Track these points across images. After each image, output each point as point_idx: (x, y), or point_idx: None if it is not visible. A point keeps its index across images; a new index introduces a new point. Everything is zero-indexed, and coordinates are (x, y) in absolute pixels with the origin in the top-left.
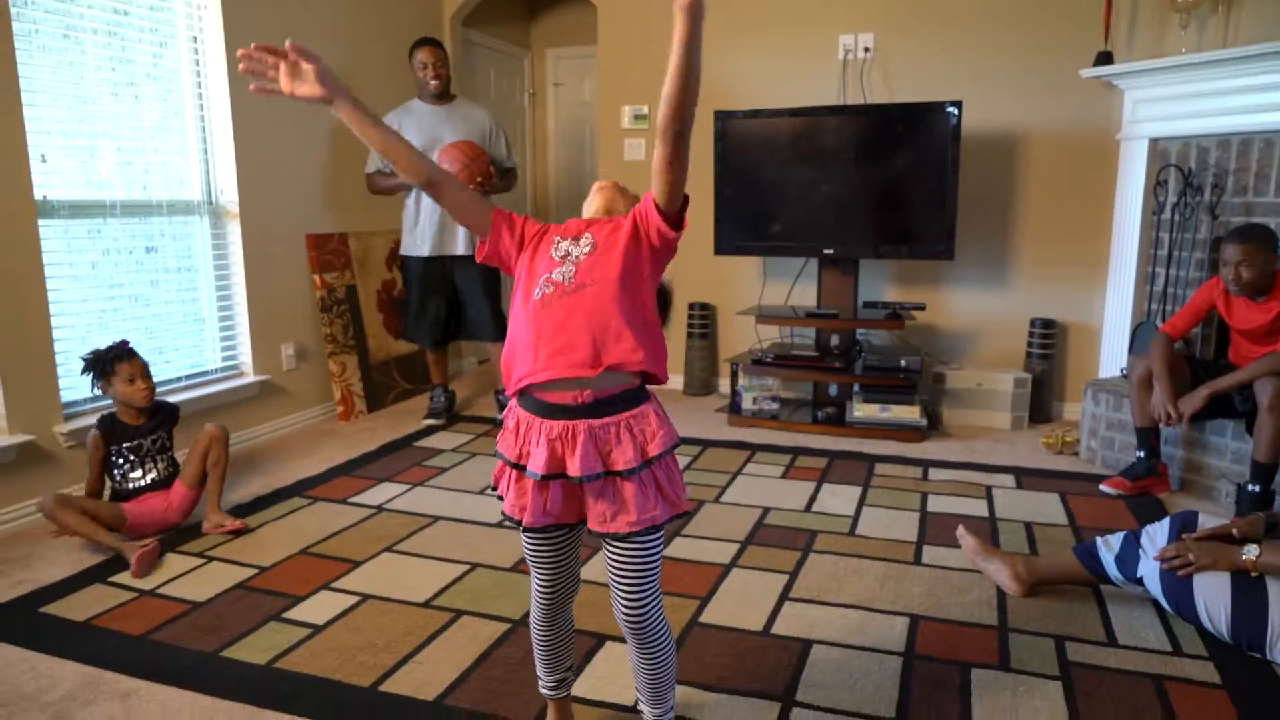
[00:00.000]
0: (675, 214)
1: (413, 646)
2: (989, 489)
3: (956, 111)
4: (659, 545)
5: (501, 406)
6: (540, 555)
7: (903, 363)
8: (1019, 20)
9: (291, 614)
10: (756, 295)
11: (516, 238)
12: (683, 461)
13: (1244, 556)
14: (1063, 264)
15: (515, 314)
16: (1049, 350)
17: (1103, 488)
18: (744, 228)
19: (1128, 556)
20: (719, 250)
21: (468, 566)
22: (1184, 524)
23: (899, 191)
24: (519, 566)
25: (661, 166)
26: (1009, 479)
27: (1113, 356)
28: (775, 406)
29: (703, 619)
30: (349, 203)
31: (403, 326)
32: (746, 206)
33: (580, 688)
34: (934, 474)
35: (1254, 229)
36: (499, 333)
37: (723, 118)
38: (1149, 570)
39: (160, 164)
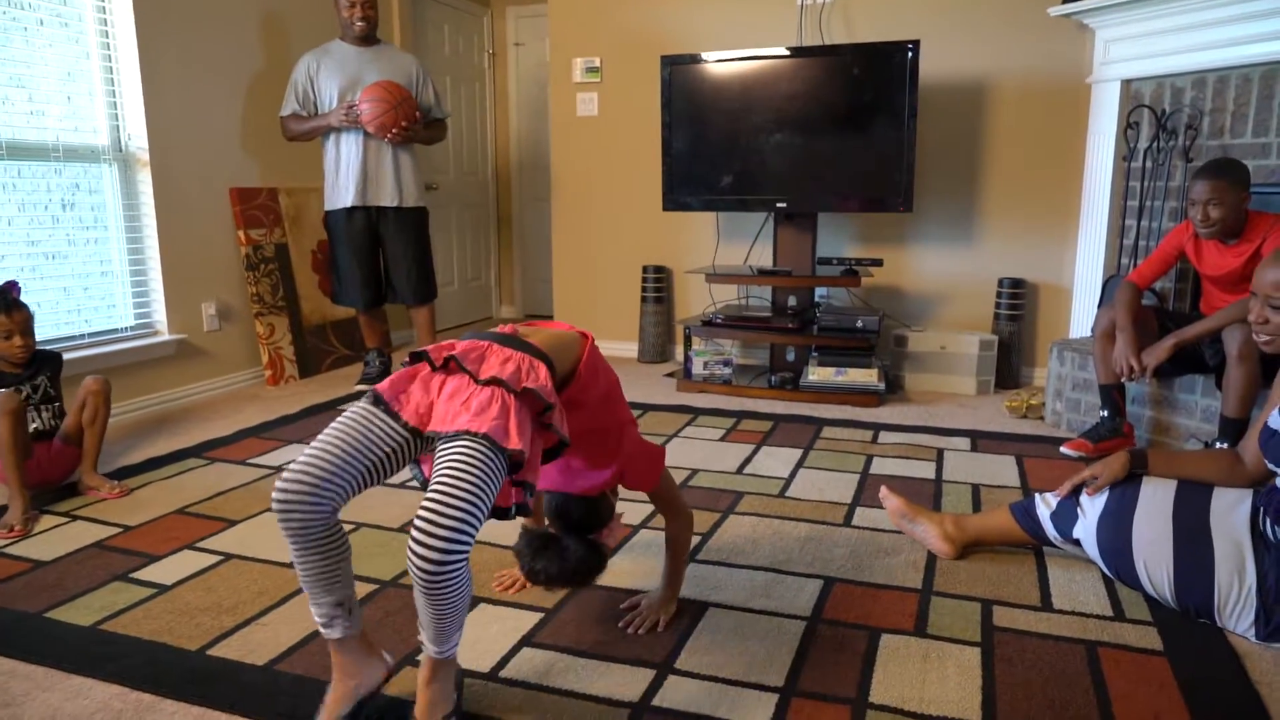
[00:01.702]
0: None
1: (261, 608)
2: (940, 452)
3: (913, 52)
4: (486, 462)
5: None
6: (357, 419)
7: (859, 323)
8: None
9: (141, 574)
10: (713, 256)
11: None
12: None
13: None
14: (1032, 219)
15: None
16: (1017, 311)
17: (1064, 450)
18: (693, 182)
19: (1065, 513)
20: (667, 206)
21: (353, 526)
22: (1124, 486)
23: (855, 140)
24: (405, 527)
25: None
26: (964, 442)
27: (1083, 317)
28: (728, 371)
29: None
30: (278, 157)
31: (332, 289)
32: (696, 159)
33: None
34: (885, 437)
35: (1223, 164)
36: (423, 295)
37: (670, 64)
38: (1085, 531)
39: (71, 112)
